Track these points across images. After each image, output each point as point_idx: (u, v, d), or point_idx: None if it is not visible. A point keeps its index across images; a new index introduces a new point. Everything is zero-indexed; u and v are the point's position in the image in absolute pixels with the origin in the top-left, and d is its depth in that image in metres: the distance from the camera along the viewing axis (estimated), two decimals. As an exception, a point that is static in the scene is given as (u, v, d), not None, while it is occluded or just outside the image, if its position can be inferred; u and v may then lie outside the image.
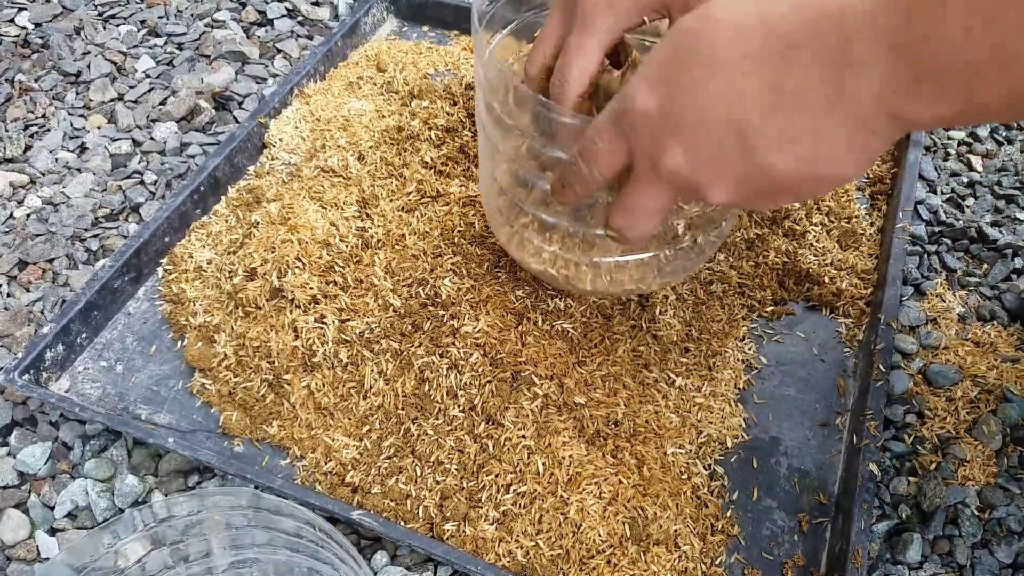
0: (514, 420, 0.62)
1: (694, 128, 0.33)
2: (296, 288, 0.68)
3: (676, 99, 0.33)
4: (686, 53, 0.33)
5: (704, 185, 0.35)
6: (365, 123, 0.85)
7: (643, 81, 0.35)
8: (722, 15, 0.32)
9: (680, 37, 0.33)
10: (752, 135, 0.32)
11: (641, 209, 0.38)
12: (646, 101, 0.34)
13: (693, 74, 0.32)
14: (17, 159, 0.91)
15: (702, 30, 0.32)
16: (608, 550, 0.58)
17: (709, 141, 0.33)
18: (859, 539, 0.56)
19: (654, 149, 0.35)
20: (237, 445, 0.66)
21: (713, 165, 0.34)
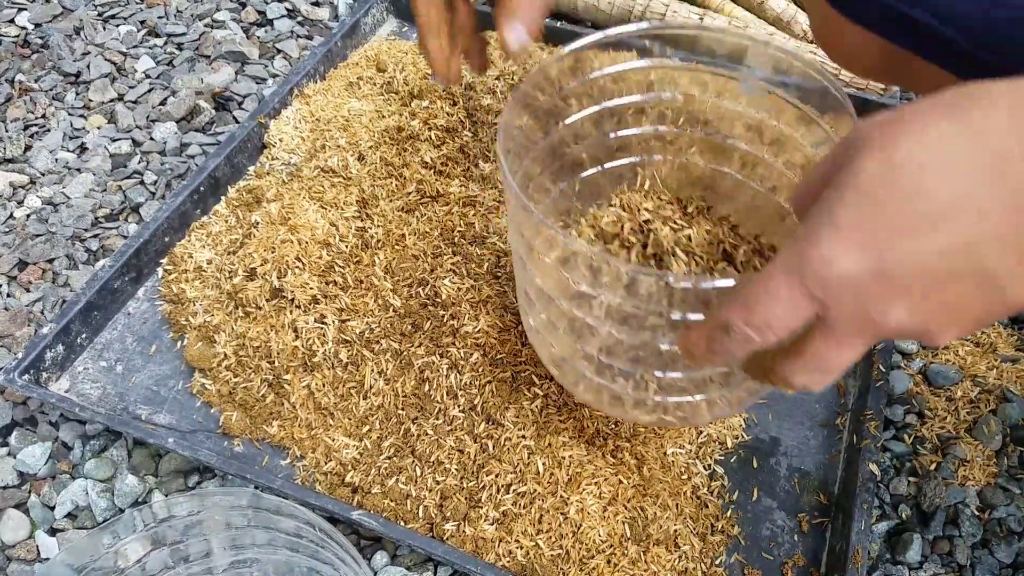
0: (514, 420, 0.62)
1: (926, 286, 0.31)
2: (296, 288, 0.68)
3: (894, 259, 0.30)
4: (894, 208, 0.30)
5: (935, 333, 0.33)
6: (365, 123, 0.85)
7: (838, 240, 0.31)
8: (933, 163, 0.30)
9: (874, 188, 0.30)
10: (1005, 280, 0.30)
11: (835, 365, 0.35)
12: (850, 264, 0.31)
13: (915, 230, 0.30)
14: (17, 159, 0.91)
15: (908, 182, 0.30)
16: (608, 550, 0.58)
17: (946, 294, 0.31)
18: (859, 539, 0.56)
19: (868, 311, 0.32)
20: (237, 445, 0.66)
21: (950, 314, 0.32)
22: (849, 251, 0.31)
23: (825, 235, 0.31)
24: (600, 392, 0.52)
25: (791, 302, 0.32)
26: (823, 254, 0.31)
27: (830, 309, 0.32)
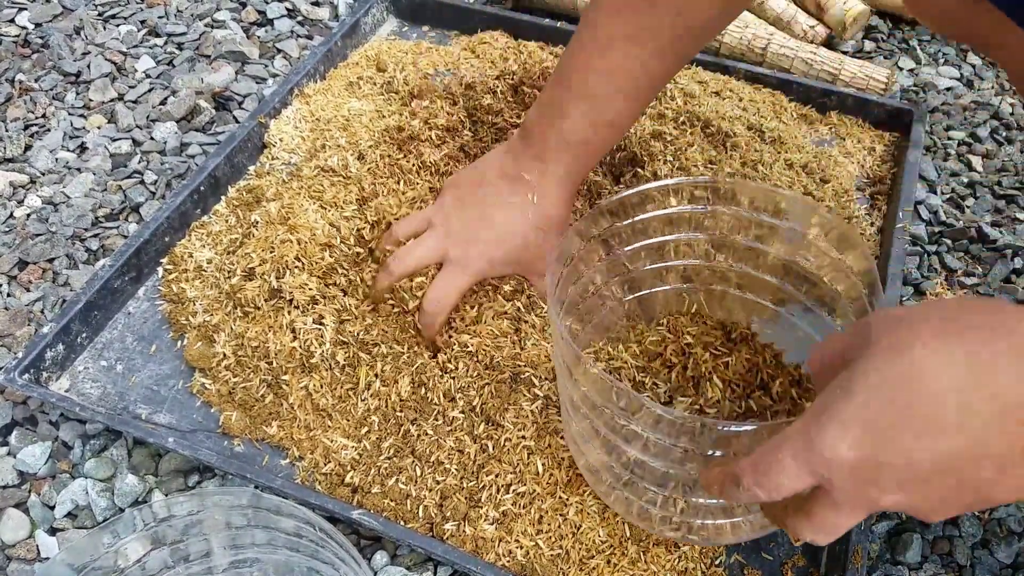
0: (514, 421, 0.62)
1: (920, 482, 0.35)
2: (295, 289, 0.68)
3: (893, 457, 0.35)
4: (894, 414, 0.34)
5: (927, 515, 0.37)
6: (365, 123, 0.85)
7: (843, 432, 0.35)
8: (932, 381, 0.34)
9: (876, 393, 0.35)
10: (989, 486, 0.35)
11: (837, 528, 0.39)
12: (851, 456, 0.35)
13: (912, 436, 0.34)
14: (17, 159, 0.91)
15: (908, 393, 0.34)
16: (608, 550, 0.58)
17: (939, 490, 0.35)
18: (859, 539, 0.56)
19: (865, 493, 0.37)
20: (237, 445, 0.66)
21: (939, 504, 0.36)
22: (852, 444, 0.35)
23: (834, 426, 0.35)
24: (630, 505, 0.55)
25: (796, 474, 0.37)
26: (829, 443, 0.35)
27: (833, 487, 0.37)
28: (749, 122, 0.87)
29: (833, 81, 0.94)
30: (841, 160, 0.86)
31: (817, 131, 0.91)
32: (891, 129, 0.90)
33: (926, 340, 0.34)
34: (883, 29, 1.09)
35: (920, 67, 1.04)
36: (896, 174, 0.85)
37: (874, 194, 0.84)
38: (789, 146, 0.85)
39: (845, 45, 1.04)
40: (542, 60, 0.94)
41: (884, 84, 0.93)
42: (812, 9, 1.03)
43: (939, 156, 0.92)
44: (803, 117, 0.92)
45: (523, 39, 1.01)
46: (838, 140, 0.90)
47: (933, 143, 0.93)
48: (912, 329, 0.35)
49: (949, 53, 1.06)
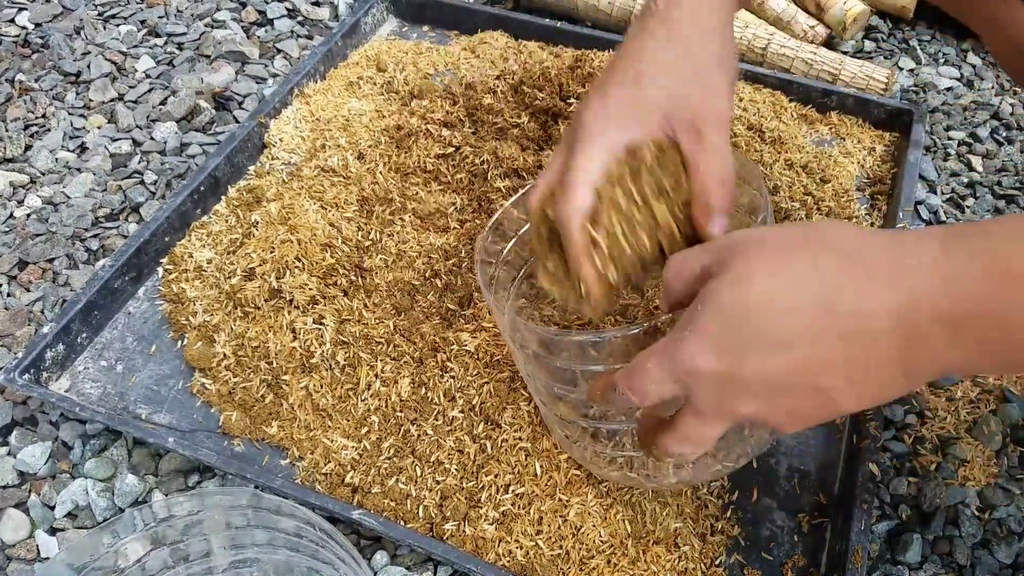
0: (511, 421, 0.62)
1: (772, 391, 0.38)
2: (295, 289, 0.68)
3: (747, 369, 0.38)
4: (747, 330, 0.37)
5: (777, 424, 0.40)
6: (365, 123, 0.85)
7: (699, 346, 0.38)
8: (780, 300, 0.37)
9: (731, 312, 0.38)
10: (835, 394, 0.38)
11: (702, 438, 0.42)
12: (709, 365, 0.38)
13: (764, 349, 0.37)
14: (17, 159, 0.91)
15: (760, 312, 0.37)
16: (608, 550, 0.58)
17: (789, 400, 0.39)
18: (859, 539, 0.56)
19: (723, 402, 0.40)
20: (237, 445, 0.66)
21: (792, 414, 0.39)
22: (708, 354, 0.38)
23: (693, 341, 0.39)
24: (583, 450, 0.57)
25: (661, 380, 0.41)
26: (689, 351, 0.39)
27: (694, 393, 0.40)
28: (749, 122, 0.87)
29: (833, 81, 0.94)
30: (841, 160, 0.86)
31: (817, 131, 0.91)
32: (891, 129, 0.90)
33: (766, 266, 0.38)
34: (883, 29, 1.09)
35: (920, 67, 1.04)
36: (896, 174, 0.85)
37: (874, 194, 0.84)
38: (789, 146, 0.85)
39: (845, 45, 1.04)
40: (542, 60, 0.94)
41: (884, 84, 0.93)
42: (812, 9, 1.02)
43: (939, 156, 0.92)
44: (803, 117, 0.92)
45: (523, 39, 1.01)
46: (838, 140, 0.90)
47: (933, 143, 0.93)
48: (756, 256, 0.38)
49: (949, 53, 1.06)
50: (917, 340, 0.35)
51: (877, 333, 0.35)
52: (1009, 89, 1.01)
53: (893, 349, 0.36)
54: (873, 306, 0.35)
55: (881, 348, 0.36)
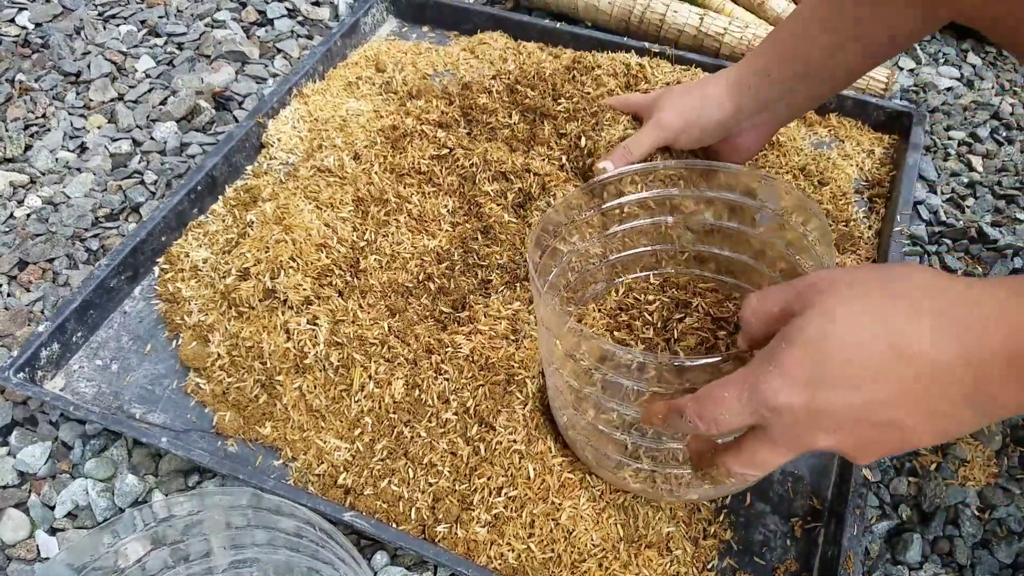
0: (505, 424, 0.62)
1: (850, 426, 0.40)
2: (289, 289, 0.68)
3: (827, 404, 0.39)
4: (830, 365, 0.39)
5: (852, 456, 0.42)
6: (362, 123, 0.85)
7: (782, 381, 0.40)
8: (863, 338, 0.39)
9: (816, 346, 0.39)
10: (910, 431, 0.40)
11: (765, 464, 0.44)
12: (790, 399, 0.40)
13: (845, 386, 0.39)
14: (17, 159, 0.91)
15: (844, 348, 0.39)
16: (600, 553, 0.58)
17: (865, 434, 0.40)
18: (851, 544, 0.56)
19: (800, 435, 0.41)
20: (231, 445, 0.66)
21: (867, 446, 0.41)
22: (790, 390, 0.40)
23: (774, 373, 0.40)
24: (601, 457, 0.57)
25: (737, 411, 0.42)
26: (771, 386, 0.40)
27: (770, 426, 0.41)
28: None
29: (833, 81, 0.94)
30: (840, 162, 0.86)
31: (816, 133, 0.91)
32: (890, 132, 0.90)
33: (851, 304, 0.40)
34: (883, 29, 1.09)
35: (920, 67, 1.04)
36: (895, 177, 0.84)
37: (873, 197, 0.84)
38: (788, 148, 0.85)
39: (845, 45, 1.04)
40: (541, 60, 0.94)
41: (884, 84, 0.93)
42: (812, 9, 1.02)
43: (939, 156, 0.92)
44: (802, 119, 0.91)
45: (523, 40, 1.01)
46: (837, 142, 0.89)
47: (933, 143, 0.93)
48: (843, 292, 0.40)
49: (949, 53, 1.06)
50: (986, 384, 0.37)
51: (949, 378, 0.38)
52: (1009, 89, 1.01)
53: (964, 392, 0.38)
54: (946, 354, 0.38)
55: (952, 391, 0.38)
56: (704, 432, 0.44)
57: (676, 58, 0.94)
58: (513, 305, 0.68)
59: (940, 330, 0.38)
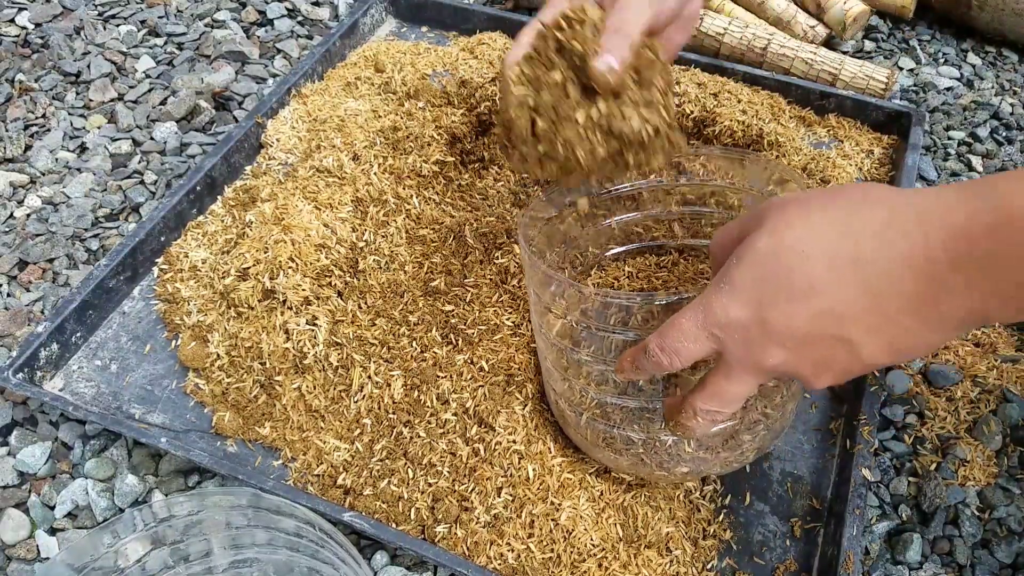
0: (505, 425, 0.62)
1: (799, 340, 0.40)
2: (288, 289, 0.68)
3: (776, 317, 0.39)
4: (777, 278, 0.39)
5: (805, 377, 0.42)
6: (361, 123, 0.85)
7: (732, 297, 0.40)
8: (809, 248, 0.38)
9: (764, 260, 0.40)
10: (859, 344, 0.39)
11: (729, 395, 0.44)
12: (741, 315, 0.40)
13: (791, 297, 0.39)
14: (17, 159, 0.91)
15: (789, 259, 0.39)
16: (600, 554, 0.58)
17: (815, 349, 0.40)
18: (851, 544, 0.56)
19: (753, 353, 0.41)
20: (230, 446, 0.66)
21: (818, 365, 0.41)
22: (740, 304, 0.40)
23: (724, 290, 0.41)
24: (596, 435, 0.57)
25: (694, 336, 0.42)
26: (721, 303, 0.41)
27: (724, 346, 0.42)
28: (747, 124, 0.87)
29: (833, 81, 0.94)
30: (839, 162, 0.86)
31: (815, 133, 0.91)
32: (889, 132, 0.90)
33: (798, 216, 0.40)
34: (883, 29, 1.09)
35: (920, 67, 1.04)
36: (894, 177, 0.84)
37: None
38: (787, 148, 0.85)
39: (845, 45, 1.04)
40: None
41: (884, 84, 0.93)
42: (812, 9, 1.02)
43: (939, 156, 0.92)
44: (801, 119, 0.91)
45: (522, 39, 1.01)
46: (836, 143, 0.89)
47: (933, 143, 0.93)
48: (792, 209, 0.40)
49: (949, 53, 1.06)
50: (934, 286, 0.36)
51: (895, 280, 0.37)
52: (1009, 89, 1.01)
53: (911, 296, 0.37)
54: (890, 253, 0.37)
55: (900, 296, 0.37)
56: (668, 366, 0.44)
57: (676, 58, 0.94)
58: (513, 306, 0.68)
59: (882, 235, 0.37)
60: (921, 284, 0.36)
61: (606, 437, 0.56)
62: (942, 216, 0.36)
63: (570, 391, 0.56)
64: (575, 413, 0.57)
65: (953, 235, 0.35)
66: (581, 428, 0.57)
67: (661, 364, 0.44)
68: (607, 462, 0.60)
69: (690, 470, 0.57)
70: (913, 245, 0.36)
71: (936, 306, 0.37)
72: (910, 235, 0.37)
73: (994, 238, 0.34)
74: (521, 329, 0.67)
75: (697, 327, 0.42)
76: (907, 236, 0.37)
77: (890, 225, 0.37)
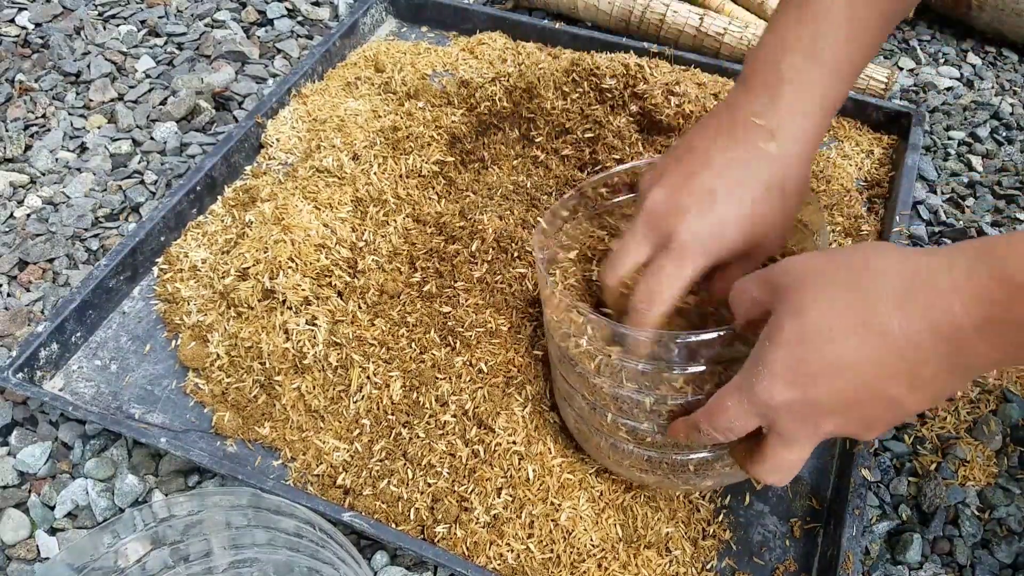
0: (504, 426, 0.62)
1: (847, 407, 0.42)
2: (288, 289, 0.68)
3: (820, 394, 0.41)
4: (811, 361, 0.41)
5: (857, 433, 0.44)
6: (360, 123, 0.85)
7: (772, 381, 0.42)
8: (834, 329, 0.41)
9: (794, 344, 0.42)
10: (902, 401, 0.41)
11: (791, 463, 0.46)
12: (786, 397, 0.42)
13: (830, 375, 0.41)
14: (17, 159, 0.91)
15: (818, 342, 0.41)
16: (599, 554, 0.58)
17: (863, 410, 0.42)
18: (850, 545, 0.56)
19: (807, 425, 0.43)
20: (230, 446, 0.66)
21: (868, 422, 0.43)
22: (782, 387, 0.42)
23: (764, 374, 0.42)
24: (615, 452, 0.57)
25: (743, 416, 0.44)
26: (763, 386, 0.43)
27: (775, 423, 0.44)
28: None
29: (833, 81, 0.94)
30: (839, 162, 0.86)
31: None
32: (889, 132, 0.90)
33: (818, 297, 0.41)
34: (883, 29, 1.09)
35: (920, 67, 1.04)
36: (894, 177, 0.84)
37: (872, 197, 0.84)
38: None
39: (845, 45, 1.04)
40: (539, 61, 0.94)
41: (884, 84, 0.93)
42: (812, 9, 1.02)
43: (939, 156, 0.92)
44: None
45: (522, 40, 1.01)
46: (836, 143, 0.89)
47: (933, 143, 0.93)
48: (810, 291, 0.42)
49: (949, 53, 1.06)
50: (964, 349, 0.39)
51: (927, 349, 0.39)
52: (1009, 89, 1.01)
53: (943, 358, 0.40)
54: (918, 326, 0.39)
55: (934, 360, 0.40)
56: (724, 439, 0.47)
57: (676, 58, 0.94)
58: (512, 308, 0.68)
59: (904, 310, 0.40)
60: (952, 347, 0.39)
61: (632, 459, 0.56)
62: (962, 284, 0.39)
63: (593, 414, 0.55)
64: (599, 436, 0.56)
65: (971, 306, 0.38)
66: (603, 447, 0.57)
67: (716, 439, 0.47)
68: (630, 477, 0.60)
69: (714, 483, 0.58)
70: (938, 317, 0.39)
71: (965, 362, 0.40)
72: (932, 309, 0.39)
73: (1008, 307, 0.37)
74: (520, 332, 0.67)
75: (744, 409, 0.44)
76: (929, 310, 0.39)
77: (909, 299, 0.40)
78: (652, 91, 0.80)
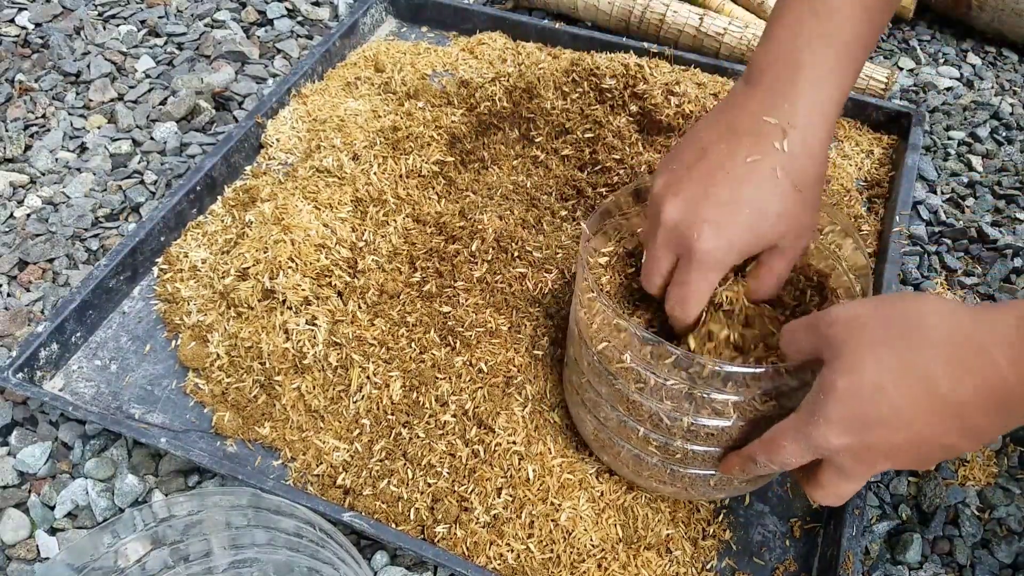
0: (504, 426, 0.62)
1: (902, 450, 0.44)
2: (288, 289, 0.68)
3: (877, 440, 0.44)
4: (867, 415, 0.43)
5: (914, 467, 0.46)
6: (360, 123, 0.85)
7: (829, 429, 0.44)
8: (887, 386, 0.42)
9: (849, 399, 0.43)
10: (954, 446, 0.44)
11: (846, 492, 0.48)
12: (843, 442, 0.44)
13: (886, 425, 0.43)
14: (17, 159, 0.91)
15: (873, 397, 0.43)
16: (599, 554, 0.58)
17: (918, 452, 0.44)
18: (850, 545, 0.56)
19: (864, 464, 0.45)
20: (230, 446, 0.66)
21: (922, 461, 0.45)
22: (838, 434, 0.44)
23: (820, 423, 0.44)
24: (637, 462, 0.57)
25: (801, 454, 0.47)
26: (820, 433, 0.45)
27: (832, 460, 0.46)
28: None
29: (833, 81, 0.94)
30: (839, 162, 0.86)
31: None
32: (889, 132, 0.90)
33: (872, 355, 0.43)
34: (883, 29, 1.09)
35: (920, 67, 1.04)
36: (894, 177, 0.84)
37: (872, 197, 0.84)
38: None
39: (845, 45, 1.04)
40: (539, 61, 0.94)
41: (884, 84, 0.93)
42: (812, 9, 1.02)
43: (939, 156, 0.92)
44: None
45: (522, 40, 1.01)
46: (836, 143, 0.89)
47: (933, 143, 0.93)
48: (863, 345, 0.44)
49: (949, 53, 1.06)
50: (1010, 402, 0.41)
51: (976, 407, 0.42)
52: (1009, 89, 1.01)
53: (991, 411, 0.42)
54: (967, 386, 0.42)
55: (982, 413, 0.42)
56: (781, 469, 0.49)
57: (676, 58, 0.94)
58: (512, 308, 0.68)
59: (952, 373, 0.42)
60: (998, 400, 0.41)
61: (654, 471, 0.56)
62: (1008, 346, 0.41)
63: (622, 427, 0.55)
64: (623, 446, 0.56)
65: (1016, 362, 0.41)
66: (625, 458, 0.57)
67: (773, 471, 0.50)
68: (647, 487, 0.60)
69: (727, 494, 0.58)
70: (986, 377, 0.41)
71: (1011, 410, 0.42)
72: (980, 370, 0.41)
73: None
74: (520, 331, 0.67)
75: (800, 448, 0.46)
76: (976, 372, 0.41)
77: (956, 361, 0.42)
78: (652, 91, 0.80)
